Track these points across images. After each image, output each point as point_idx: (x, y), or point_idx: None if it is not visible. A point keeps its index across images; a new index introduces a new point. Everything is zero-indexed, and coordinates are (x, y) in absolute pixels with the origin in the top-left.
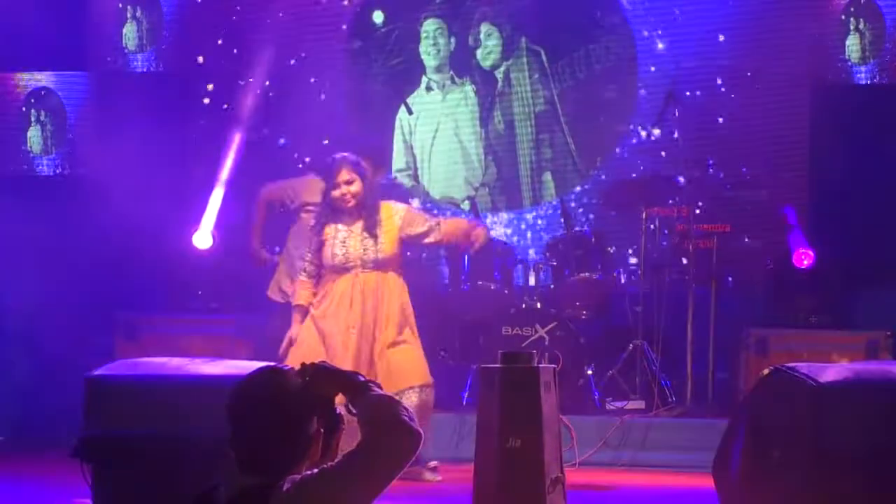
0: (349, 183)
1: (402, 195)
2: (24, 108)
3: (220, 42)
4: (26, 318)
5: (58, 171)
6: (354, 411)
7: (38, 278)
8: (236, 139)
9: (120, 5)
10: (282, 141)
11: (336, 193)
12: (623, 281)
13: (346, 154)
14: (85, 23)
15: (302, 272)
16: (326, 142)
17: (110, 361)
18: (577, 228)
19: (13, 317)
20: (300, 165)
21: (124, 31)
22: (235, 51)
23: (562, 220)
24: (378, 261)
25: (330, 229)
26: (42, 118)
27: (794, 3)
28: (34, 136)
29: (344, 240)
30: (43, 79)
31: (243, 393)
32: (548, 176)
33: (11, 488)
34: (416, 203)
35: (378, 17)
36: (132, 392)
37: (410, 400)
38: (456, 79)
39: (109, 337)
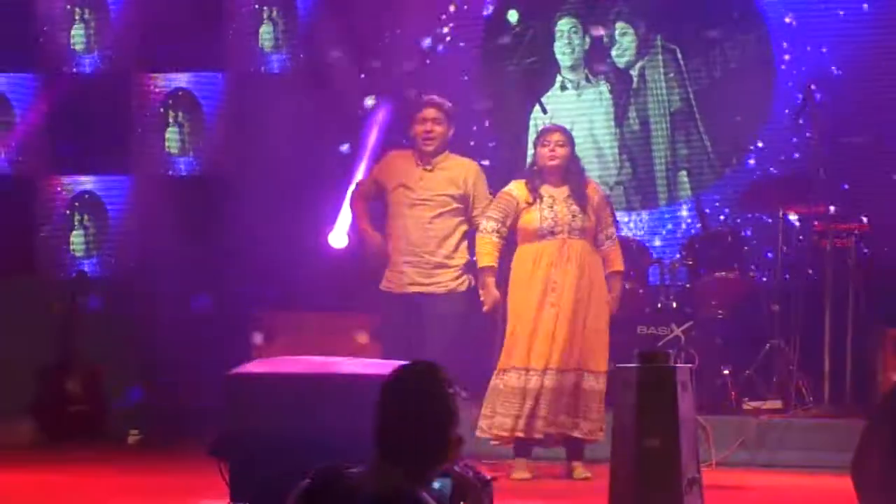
0: (561, 145)
1: None
2: (161, 109)
3: (353, 43)
4: (167, 318)
5: (196, 172)
6: None
7: (178, 277)
8: (371, 140)
9: (256, 6)
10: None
11: (544, 151)
12: (760, 280)
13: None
14: (222, 23)
15: (494, 233)
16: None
17: (249, 360)
18: (713, 227)
19: (156, 317)
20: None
21: (261, 31)
22: (368, 51)
23: (698, 218)
24: (584, 229)
25: (524, 195)
26: (179, 119)
27: None
28: (172, 137)
29: (551, 205)
30: (180, 79)
31: (401, 378)
32: (683, 174)
33: (151, 485)
34: None
35: (513, 16)
36: (272, 390)
37: (593, 383)
38: (591, 77)
39: (248, 336)
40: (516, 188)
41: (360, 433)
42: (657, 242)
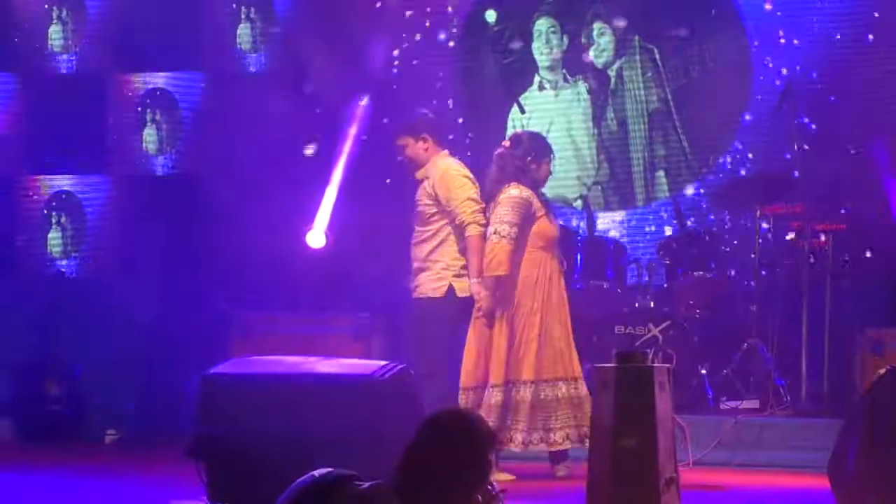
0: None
1: None
2: (139, 109)
3: (331, 41)
4: (145, 318)
5: (173, 171)
6: None
7: (155, 277)
8: (350, 139)
9: (234, 6)
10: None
11: (548, 171)
12: (737, 280)
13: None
14: (200, 23)
15: (510, 239)
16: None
17: (226, 360)
18: (690, 227)
19: (131, 315)
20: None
21: (238, 31)
22: (347, 50)
23: (675, 218)
24: None
25: (538, 203)
26: (157, 119)
27: None
28: (149, 136)
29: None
30: (158, 79)
31: (434, 422)
32: (661, 174)
33: (127, 485)
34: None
35: (491, 16)
36: (247, 390)
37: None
38: (569, 77)
39: (225, 336)
40: (530, 195)
41: (336, 433)
42: (635, 242)
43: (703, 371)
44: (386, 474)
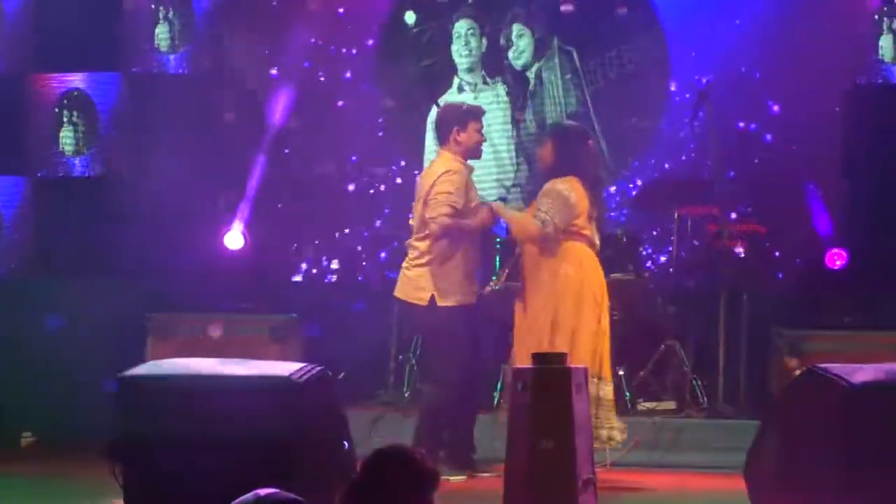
0: None
1: None
2: (56, 110)
3: (251, 41)
4: (60, 318)
5: (90, 173)
6: None
7: (72, 278)
8: (266, 140)
9: (152, 6)
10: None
11: None
12: (655, 281)
13: None
14: (118, 23)
15: None
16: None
17: (142, 362)
18: (608, 228)
19: (47, 316)
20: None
21: (157, 31)
22: (266, 51)
23: None
24: None
25: None
26: (74, 119)
27: (828, 3)
28: (66, 137)
29: None
30: (75, 80)
31: (379, 457)
32: None
33: (43, 487)
34: None
35: (410, 17)
36: (164, 392)
37: None
38: (488, 79)
39: (142, 337)
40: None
41: (253, 435)
42: None
43: (621, 372)
44: (303, 477)
